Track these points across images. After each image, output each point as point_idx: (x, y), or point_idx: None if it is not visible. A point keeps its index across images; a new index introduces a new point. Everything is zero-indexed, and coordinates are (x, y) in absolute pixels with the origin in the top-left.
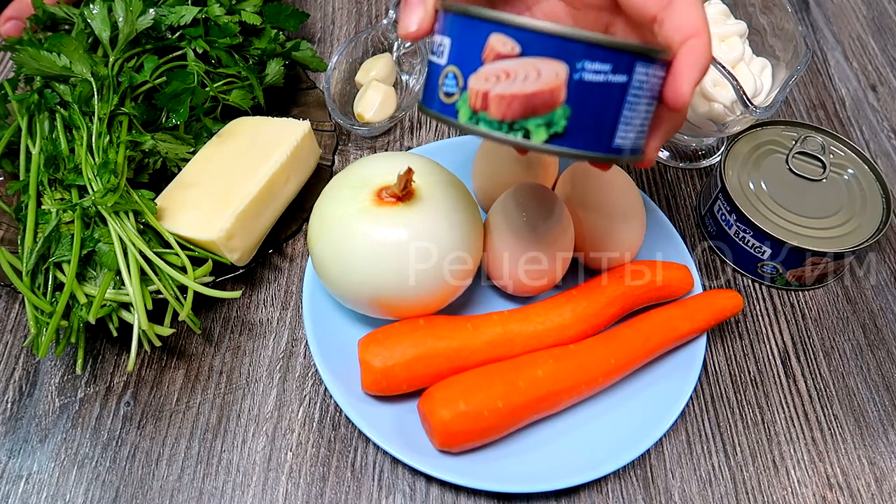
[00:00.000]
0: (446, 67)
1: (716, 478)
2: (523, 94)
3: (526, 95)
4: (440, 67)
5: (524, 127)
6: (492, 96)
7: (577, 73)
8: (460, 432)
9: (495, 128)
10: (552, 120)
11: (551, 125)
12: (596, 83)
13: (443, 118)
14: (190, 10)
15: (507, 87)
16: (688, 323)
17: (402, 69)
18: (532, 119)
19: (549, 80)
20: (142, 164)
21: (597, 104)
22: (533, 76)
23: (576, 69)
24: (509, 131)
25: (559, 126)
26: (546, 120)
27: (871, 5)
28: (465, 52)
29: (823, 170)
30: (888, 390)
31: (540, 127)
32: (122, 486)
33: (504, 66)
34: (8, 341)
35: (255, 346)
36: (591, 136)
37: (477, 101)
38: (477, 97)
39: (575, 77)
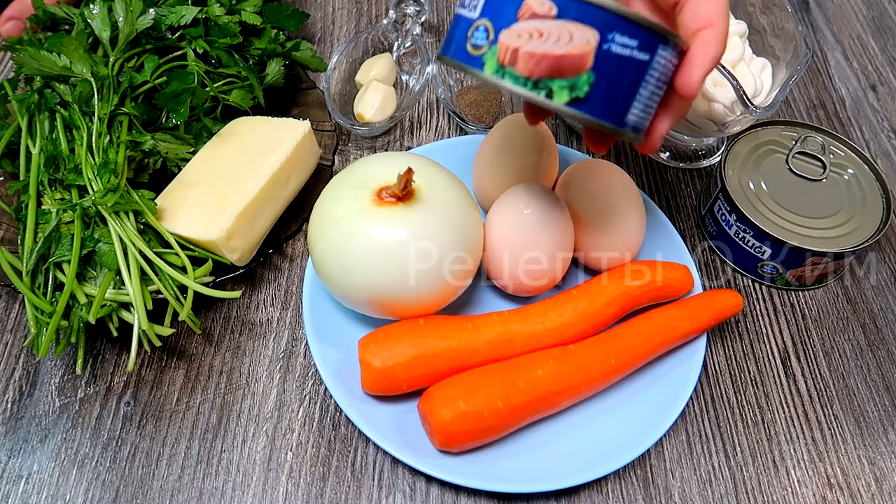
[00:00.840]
0: (478, 20)
1: (716, 478)
2: (553, 54)
3: (556, 56)
4: (470, 21)
5: (548, 86)
6: (521, 53)
7: (606, 44)
8: (460, 432)
9: (521, 83)
10: (576, 84)
11: (574, 89)
12: (622, 56)
13: (467, 68)
14: (190, 10)
15: (539, 45)
16: (688, 323)
17: (402, 69)
18: (557, 80)
19: (580, 45)
20: (142, 164)
21: (619, 76)
22: (565, 39)
23: (606, 39)
24: (533, 88)
25: (581, 91)
26: (570, 83)
27: (871, 5)
28: (501, 7)
29: (823, 170)
30: (888, 390)
31: (563, 89)
32: (122, 486)
33: (538, 25)
34: (8, 341)
35: (255, 346)
36: (608, 106)
37: (506, 55)
38: (507, 52)
39: (604, 47)
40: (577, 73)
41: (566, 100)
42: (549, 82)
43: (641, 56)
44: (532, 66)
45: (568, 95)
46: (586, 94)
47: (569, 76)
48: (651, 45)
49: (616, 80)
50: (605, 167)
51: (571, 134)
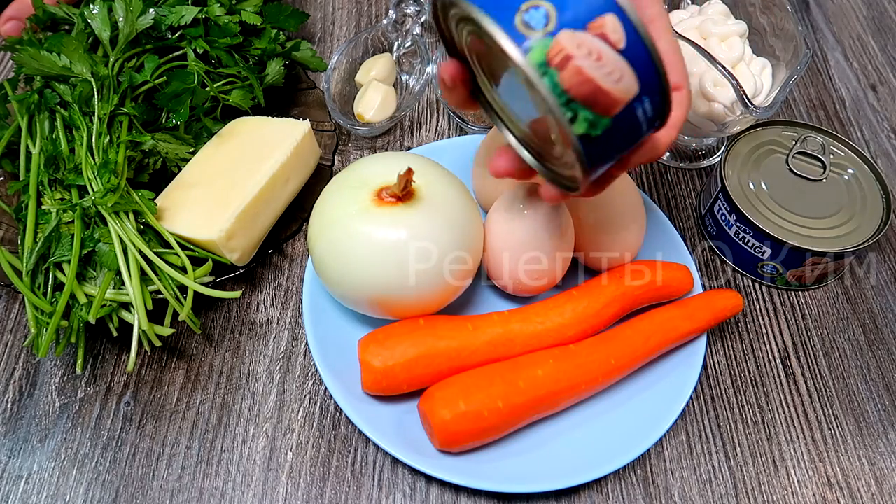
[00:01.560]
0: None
1: (716, 478)
2: (599, 84)
3: (600, 88)
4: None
5: (576, 111)
6: (573, 65)
7: (637, 103)
8: (460, 432)
9: (556, 93)
10: (597, 123)
11: (593, 126)
12: (637, 121)
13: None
14: (190, 10)
15: (593, 68)
16: (688, 323)
17: (402, 69)
18: (586, 110)
19: (622, 91)
20: (142, 164)
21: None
22: (615, 77)
23: (640, 98)
24: (563, 105)
25: (595, 131)
26: (594, 119)
27: (871, 5)
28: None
29: (823, 170)
30: (888, 390)
31: (586, 121)
32: (122, 486)
33: (600, 47)
34: (8, 341)
35: (255, 346)
36: (598, 157)
37: (557, 57)
38: (559, 54)
39: (634, 104)
40: (603, 114)
41: (581, 132)
42: (579, 108)
43: (645, 128)
44: (576, 83)
45: (585, 128)
46: (596, 136)
47: (597, 112)
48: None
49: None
50: None
51: None
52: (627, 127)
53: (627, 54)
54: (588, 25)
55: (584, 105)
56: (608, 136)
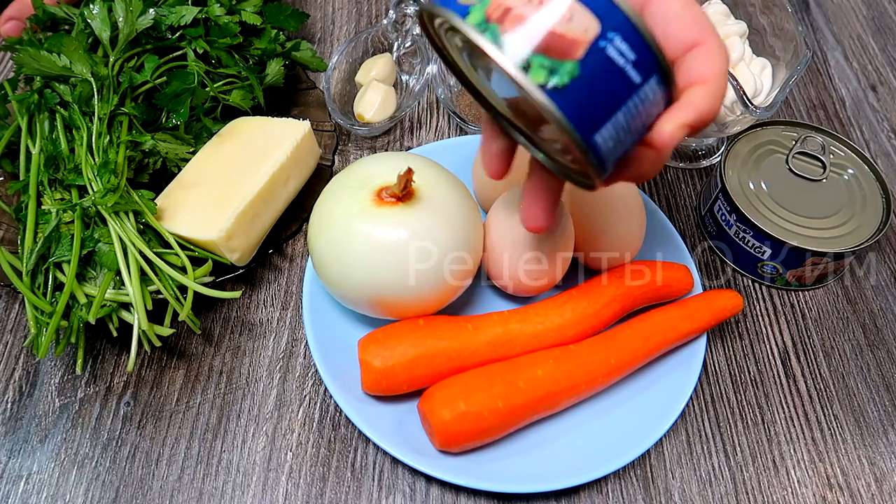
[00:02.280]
0: None
1: (716, 478)
2: (547, 28)
3: (549, 31)
4: None
5: (528, 61)
6: (514, 14)
7: (603, 41)
8: (460, 432)
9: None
10: (558, 69)
11: (553, 73)
12: (613, 63)
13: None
14: (190, 10)
15: (535, 13)
16: (688, 323)
17: (402, 69)
18: (539, 57)
19: (577, 30)
20: (142, 164)
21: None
22: (565, 18)
23: (605, 37)
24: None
25: (560, 79)
26: (552, 65)
27: (871, 5)
28: None
29: (823, 170)
30: (888, 390)
31: (542, 68)
32: (122, 486)
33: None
34: (8, 341)
35: (255, 346)
36: (581, 112)
37: (496, 11)
38: (498, 8)
39: (600, 44)
40: (562, 58)
41: (541, 81)
42: (531, 56)
43: (633, 74)
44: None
45: (545, 77)
46: (563, 85)
47: (553, 57)
48: (647, 69)
49: (599, 87)
50: None
51: None
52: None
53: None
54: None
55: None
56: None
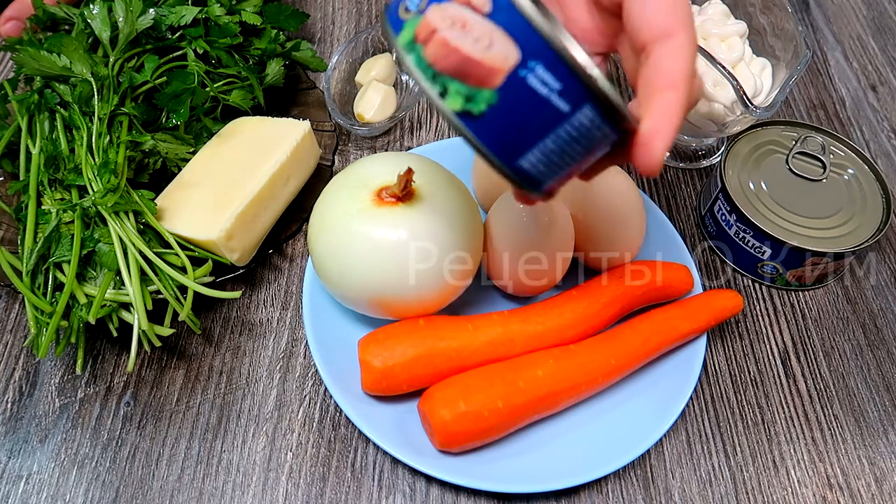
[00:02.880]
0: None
1: (716, 478)
2: (464, 53)
3: (466, 57)
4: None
5: (445, 85)
6: (437, 37)
7: (524, 70)
8: (460, 432)
9: (421, 68)
10: (474, 96)
11: (470, 100)
12: (535, 92)
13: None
14: (190, 10)
15: (456, 37)
16: (688, 323)
17: (402, 69)
18: (456, 82)
19: (496, 58)
20: (142, 164)
21: (524, 112)
22: (484, 43)
23: (525, 65)
24: (431, 80)
25: (476, 106)
26: (469, 92)
27: (871, 5)
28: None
29: (823, 170)
30: (888, 390)
31: (459, 95)
32: (122, 486)
33: (466, 15)
34: (8, 341)
35: (255, 346)
36: (499, 139)
37: (423, 31)
38: (425, 29)
39: (520, 73)
40: (480, 85)
41: (457, 108)
42: (449, 81)
43: (560, 104)
44: (439, 56)
45: (461, 104)
46: (480, 113)
47: (470, 84)
48: (577, 98)
49: (519, 116)
50: None
51: None
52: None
53: (496, 17)
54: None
55: (454, 77)
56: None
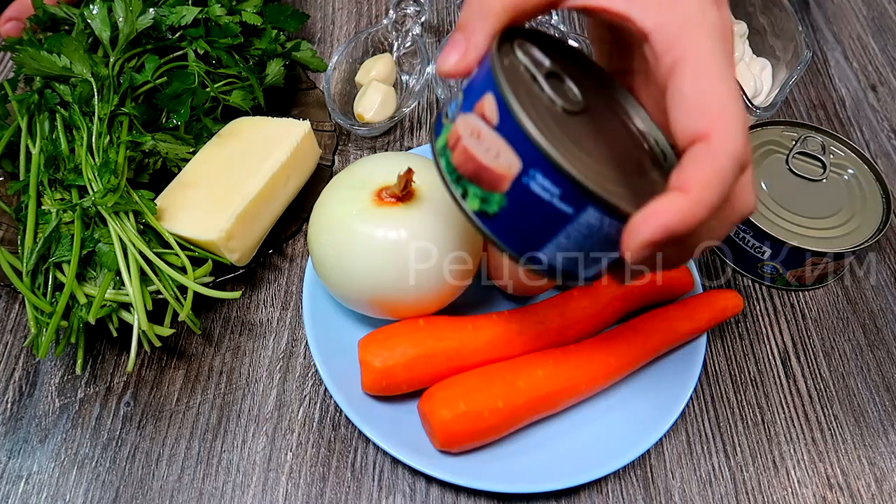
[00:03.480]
0: (459, 93)
1: (716, 478)
2: (478, 161)
3: (479, 164)
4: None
5: (466, 188)
6: (460, 144)
7: (525, 178)
8: (460, 432)
9: (448, 171)
10: (489, 198)
11: (485, 202)
12: (538, 197)
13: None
14: (190, 10)
15: (473, 145)
16: (688, 323)
17: (402, 69)
18: (475, 186)
19: (502, 166)
20: (142, 165)
21: (532, 215)
22: (493, 153)
23: (527, 173)
24: (455, 182)
25: (491, 207)
26: (484, 195)
27: (871, 5)
28: (472, 92)
29: (823, 170)
30: (888, 390)
31: (476, 197)
32: (122, 486)
33: (480, 126)
34: (8, 341)
35: (255, 346)
36: (515, 236)
37: (452, 139)
38: (454, 136)
39: (523, 180)
40: (492, 190)
41: (475, 208)
42: (468, 185)
43: (562, 207)
44: (461, 161)
45: (478, 205)
46: (494, 214)
47: (485, 189)
48: (577, 201)
49: (528, 217)
50: None
51: None
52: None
53: (501, 130)
54: (475, 106)
55: (471, 181)
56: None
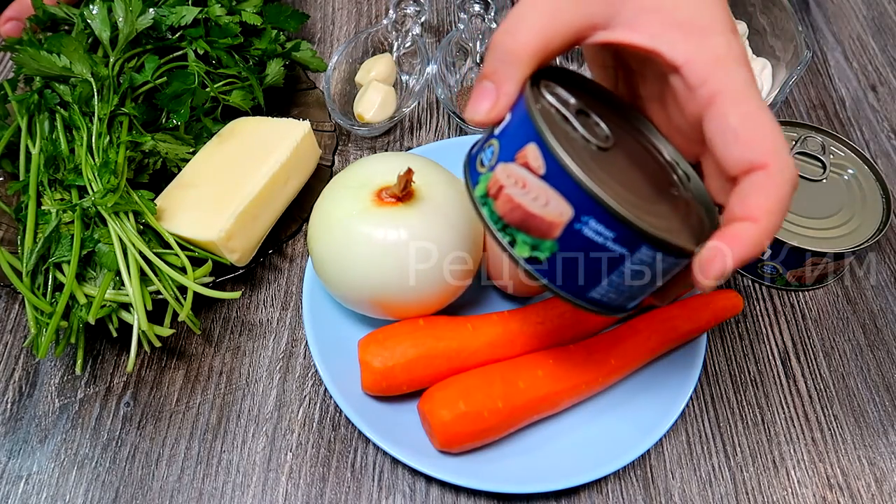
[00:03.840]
0: (493, 139)
1: (716, 478)
2: (526, 209)
3: (527, 213)
4: (492, 135)
5: (514, 236)
6: (504, 193)
7: (578, 224)
8: (460, 433)
9: (493, 220)
10: (539, 245)
11: (536, 249)
12: (592, 241)
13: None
14: (190, 10)
15: (518, 194)
16: (688, 323)
17: (402, 69)
18: (523, 234)
19: (552, 214)
20: (142, 165)
21: (586, 258)
22: (542, 201)
23: (579, 220)
24: (501, 231)
25: (542, 254)
26: (534, 242)
27: (871, 5)
28: (510, 139)
29: (823, 170)
30: (888, 390)
31: (526, 244)
32: (121, 486)
33: (525, 176)
34: (8, 341)
35: (255, 346)
36: (568, 280)
37: (493, 188)
38: (494, 185)
39: (575, 226)
40: (542, 237)
41: (525, 255)
42: (516, 232)
43: (617, 248)
44: (507, 210)
45: (528, 252)
46: (545, 260)
47: (534, 236)
48: (631, 242)
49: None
50: None
51: None
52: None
53: (549, 179)
54: (516, 156)
55: (520, 229)
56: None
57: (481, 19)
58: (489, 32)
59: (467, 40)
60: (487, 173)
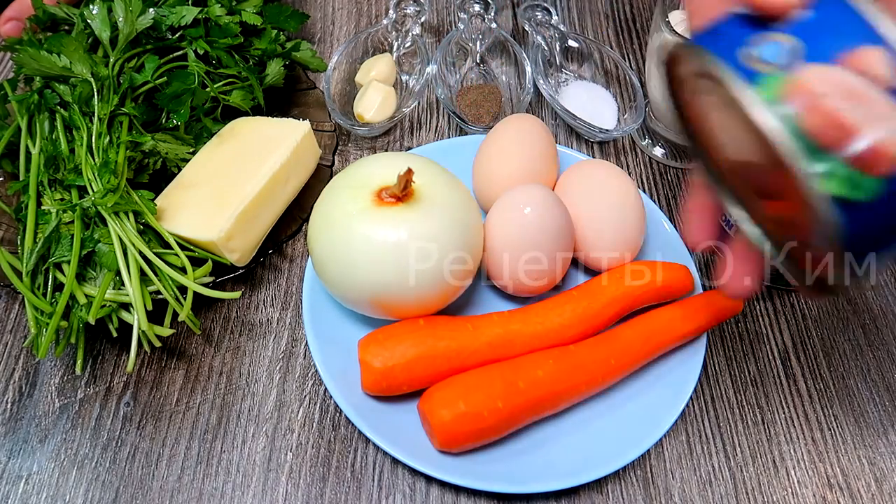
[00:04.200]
0: (777, 34)
1: (716, 478)
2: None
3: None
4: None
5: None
6: (822, 105)
7: None
8: (460, 433)
9: (794, 135)
10: (859, 184)
11: (853, 186)
12: None
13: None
14: (190, 10)
15: (850, 111)
16: (688, 323)
17: (402, 69)
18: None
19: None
20: (142, 165)
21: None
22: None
23: None
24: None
25: (860, 193)
26: (851, 177)
27: None
28: (824, 34)
29: None
30: (888, 390)
31: (839, 178)
32: (121, 486)
33: (863, 87)
34: (8, 341)
35: (255, 346)
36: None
37: (799, 97)
38: (803, 93)
39: None
40: (868, 171)
41: (834, 191)
42: (831, 160)
43: None
44: (823, 128)
45: (838, 188)
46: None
47: (861, 170)
48: None
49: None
50: (604, 168)
51: (571, 134)
52: None
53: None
54: (839, 58)
55: (839, 157)
56: (882, 207)
57: (481, 19)
58: (489, 32)
59: (467, 40)
60: (779, 74)
